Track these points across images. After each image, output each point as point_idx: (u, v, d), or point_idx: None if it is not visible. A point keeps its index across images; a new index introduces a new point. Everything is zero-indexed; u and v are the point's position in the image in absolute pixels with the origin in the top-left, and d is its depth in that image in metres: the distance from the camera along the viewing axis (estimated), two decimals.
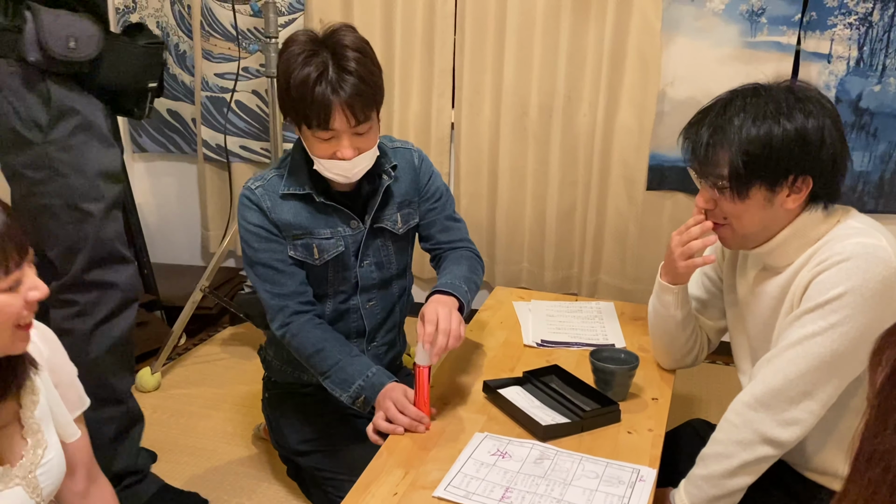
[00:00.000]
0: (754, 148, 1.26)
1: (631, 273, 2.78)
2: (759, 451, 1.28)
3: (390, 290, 1.75)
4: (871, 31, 2.36)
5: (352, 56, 1.43)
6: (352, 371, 1.54)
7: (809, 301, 1.26)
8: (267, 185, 1.59)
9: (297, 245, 1.59)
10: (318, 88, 1.41)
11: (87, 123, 1.66)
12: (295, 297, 1.60)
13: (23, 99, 1.58)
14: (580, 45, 2.60)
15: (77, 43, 1.58)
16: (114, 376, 1.77)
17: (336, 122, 1.44)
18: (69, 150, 1.63)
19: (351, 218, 1.62)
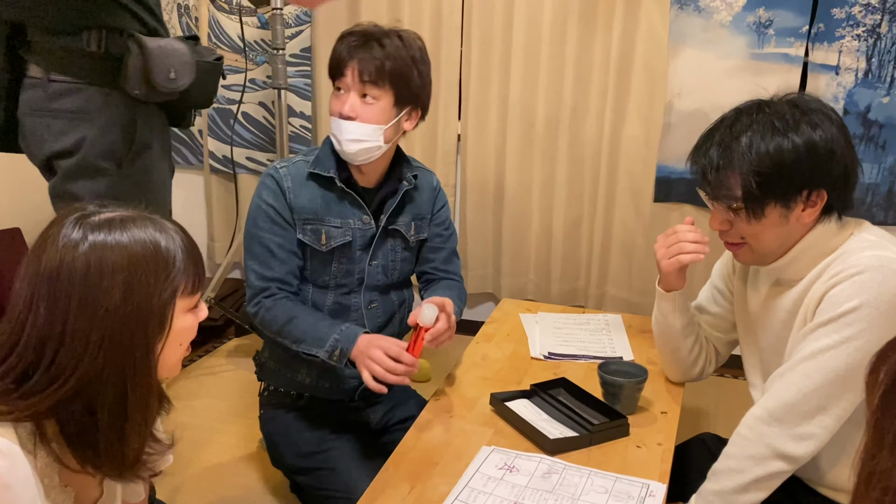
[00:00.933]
0: (766, 167, 1.25)
1: (638, 285, 2.76)
2: (772, 466, 1.26)
3: (391, 297, 1.77)
4: (879, 43, 2.35)
5: (393, 36, 1.58)
6: (325, 329, 1.59)
7: (823, 314, 1.25)
8: (292, 167, 1.65)
9: (307, 230, 1.64)
10: (343, 43, 1.58)
11: (160, 158, 1.67)
12: (278, 283, 1.64)
13: (109, 131, 1.56)
14: (587, 56, 2.60)
15: (176, 73, 1.59)
16: None
17: (349, 72, 1.56)
18: (139, 186, 1.62)
19: (364, 213, 1.66)
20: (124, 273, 0.92)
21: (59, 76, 1.52)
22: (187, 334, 1.03)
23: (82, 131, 1.54)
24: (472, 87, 2.74)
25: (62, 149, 1.55)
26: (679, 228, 1.49)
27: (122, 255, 0.92)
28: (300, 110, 2.94)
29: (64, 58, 1.52)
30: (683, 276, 1.52)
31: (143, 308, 0.94)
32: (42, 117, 1.54)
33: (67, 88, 1.53)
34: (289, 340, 1.62)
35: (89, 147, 1.55)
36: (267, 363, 1.80)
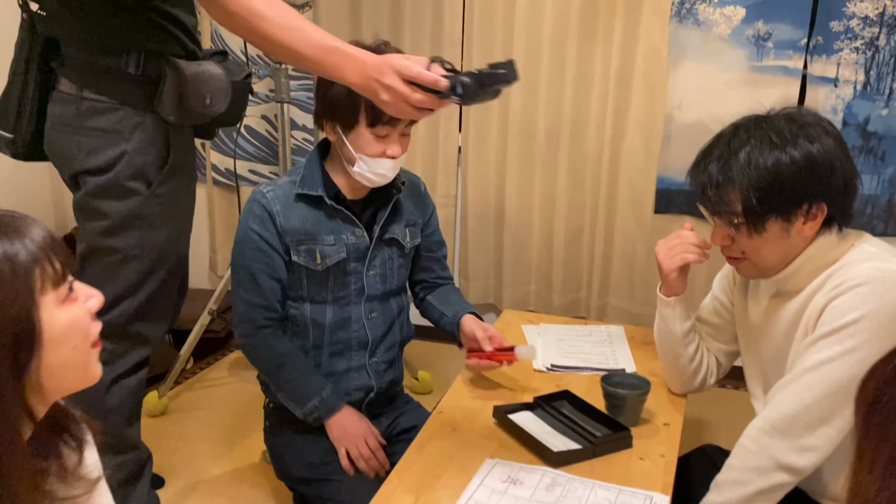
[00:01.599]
0: (765, 182, 1.26)
1: (639, 296, 2.77)
2: (775, 478, 1.27)
3: (390, 305, 1.78)
4: (877, 56, 2.37)
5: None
6: (306, 390, 1.66)
7: (825, 326, 1.25)
8: (278, 190, 1.64)
9: (301, 251, 1.64)
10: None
11: (189, 180, 1.68)
12: (264, 311, 1.66)
13: (142, 153, 1.55)
14: (587, 69, 2.62)
15: (212, 99, 1.59)
16: (127, 426, 1.72)
17: (402, 121, 1.54)
18: (167, 207, 1.62)
19: (356, 226, 1.67)
20: None
21: (92, 94, 1.51)
22: (74, 332, 0.83)
23: (114, 151, 1.53)
24: None
25: (93, 167, 1.54)
26: (681, 233, 1.52)
27: None
28: (302, 123, 2.95)
29: (100, 76, 1.51)
30: (685, 278, 1.53)
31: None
32: (72, 134, 1.53)
33: (101, 107, 1.52)
34: (272, 382, 1.70)
35: (121, 168, 1.54)
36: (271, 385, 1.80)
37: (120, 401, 1.68)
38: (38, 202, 2.96)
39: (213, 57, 1.66)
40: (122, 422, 1.70)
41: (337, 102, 1.56)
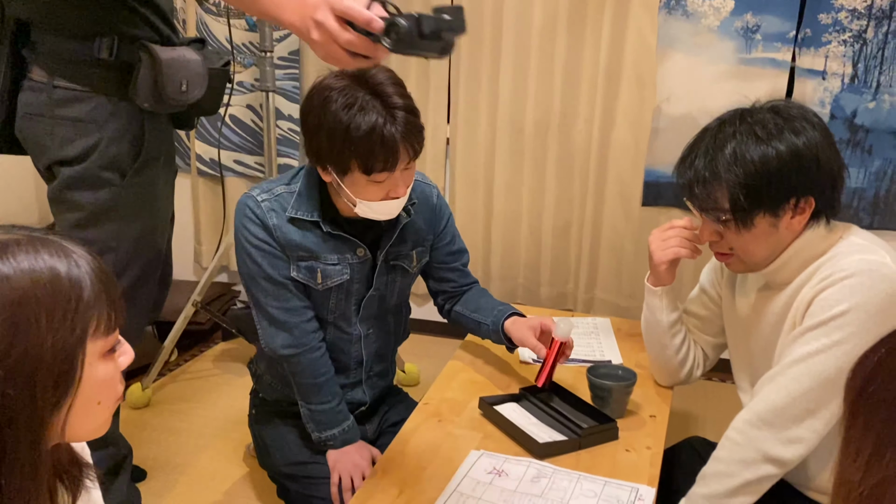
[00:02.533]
0: (751, 177, 1.24)
1: (627, 289, 2.77)
2: (761, 469, 1.26)
3: (388, 321, 1.72)
4: (865, 49, 2.37)
5: (392, 91, 1.40)
6: (329, 419, 1.60)
7: (813, 318, 1.25)
8: (274, 201, 1.52)
9: (301, 266, 1.53)
10: (385, 132, 1.36)
11: (165, 169, 1.64)
12: (304, 314, 1.56)
13: (116, 143, 1.51)
14: (576, 61, 2.60)
15: (188, 85, 1.54)
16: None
17: (402, 161, 1.40)
18: (142, 197, 1.59)
19: (357, 246, 1.56)
20: (6, 312, 0.69)
21: (64, 82, 1.47)
22: (106, 390, 0.80)
23: (88, 141, 1.49)
24: (461, 90, 2.74)
25: (66, 157, 1.50)
26: (677, 223, 1.50)
27: (8, 287, 0.69)
28: (288, 113, 2.93)
29: (72, 64, 1.47)
30: (674, 271, 1.53)
31: (33, 357, 0.70)
32: (45, 123, 1.49)
33: (74, 96, 1.48)
34: (298, 395, 1.61)
35: (95, 158, 1.50)
36: (263, 376, 1.77)
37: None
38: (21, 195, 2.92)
39: (191, 44, 1.61)
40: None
41: (327, 149, 1.41)
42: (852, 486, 0.63)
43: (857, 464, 0.63)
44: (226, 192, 3.07)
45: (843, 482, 0.65)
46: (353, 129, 1.35)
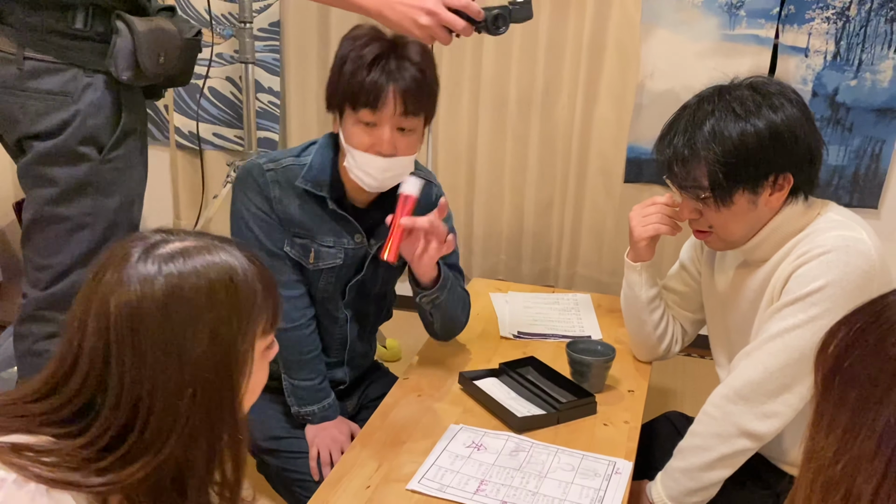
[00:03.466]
0: (730, 155, 1.24)
1: (608, 266, 2.77)
2: (737, 444, 1.28)
3: (373, 305, 1.72)
4: (848, 26, 2.37)
5: (414, 50, 1.40)
6: (310, 394, 1.59)
7: (790, 294, 1.26)
8: (280, 173, 1.49)
9: (296, 243, 1.52)
10: (376, 68, 1.36)
11: (141, 143, 1.59)
12: (296, 289, 1.54)
13: (93, 116, 1.47)
14: (559, 36, 2.58)
15: (165, 57, 1.50)
16: None
17: (386, 106, 1.37)
18: (120, 172, 1.55)
19: (356, 231, 1.55)
20: (210, 312, 0.79)
21: (35, 54, 1.42)
22: (261, 381, 0.90)
23: (64, 114, 1.45)
24: (443, 65, 2.71)
25: (40, 131, 1.45)
26: (657, 200, 1.50)
27: (204, 292, 0.79)
28: (268, 86, 2.88)
29: (44, 35, 1.42)
30: (653, 247, 1.53)
31: (231, 352, 0.81)
32: (15, 96, 1.44)
33: (46, 68, 1.43)
34: (283, 367, 1.59)
35: (71, 132, 1.46)
36: None
37: None
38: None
39: (161, 13, 1.57)
40: None
41: (329, 85, 1.44)
42: (823, 462, 0.63)
43: (829, 439, 0.64)
44: (205, 165, 3.03)
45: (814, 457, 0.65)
46: (349, 57, 1.38)
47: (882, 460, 0.58)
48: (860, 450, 0.60)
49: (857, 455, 0.60)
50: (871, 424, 0.59)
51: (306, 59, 2.82)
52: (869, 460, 0.59)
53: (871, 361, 0.62)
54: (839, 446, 0.62)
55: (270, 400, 1.71)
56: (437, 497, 1.20)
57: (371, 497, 1.21)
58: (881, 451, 0.58)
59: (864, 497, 0.59)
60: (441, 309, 1.60)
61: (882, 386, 0.60)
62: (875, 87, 2.39)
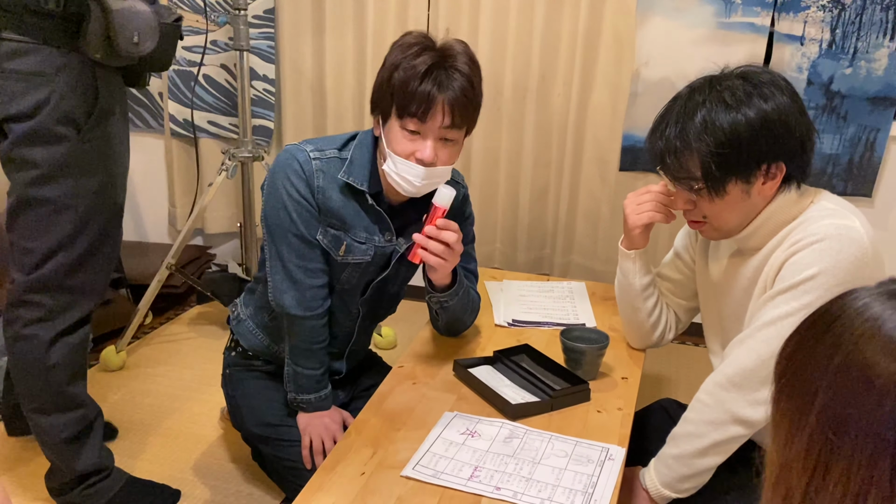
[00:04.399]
0: (722, 145, 1.24)
1: (602, 254, 2.78)
2: (730, 430, 1.29)
3: (385, 303, 1.73)
4: (843, 14, 2.36)
5: (462, 61, 1.41)
6: (310, 383, 1.60)
7: (783, 282, 1.26)
8: (325, 163, 1.50)
9: (329, 233, 1.52)
10: (428, 79, 1.37)
11: (121, 124, 1.60)
12: (320, 278, 1.54)
13: (69, 96, 1.48)
14: (555, 23, 2.58)
15: (139, 38, 1.50)
16: (70, 383, 1.67)
17: (434, 118, 1.38)
18: (100, 153, 1.56)
19: (388, 230, 1.55)
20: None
21: (10, 34, 1.43)
22: None
23: (39, 95, 1.45)
24: None
25: (17, 112, 1.46)
26: (652, 188, 1.50)
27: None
28: (263, 73, 2.87)
29: (17, 15, 1.42)
30: (647, 235, 1.53)
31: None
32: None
33: (20, 48, 1.43)
34: (288, 353, 1.61)
35: (48, 112, 1.46)
36: (245, 322, 1.75)
37: (62, 359, 1.63)
38: None
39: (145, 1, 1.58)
40: (66, 380, 1.65)
41: (377, 89, 1.44)
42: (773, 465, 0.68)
43: (775, 445, 0.67)
44: (199, 153, 3.03)
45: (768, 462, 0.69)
46: (402, 68, 1.38)
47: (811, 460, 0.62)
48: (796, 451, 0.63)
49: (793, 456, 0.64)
50: (802, 428, 0.63)
51: (301, 46, 2.81)
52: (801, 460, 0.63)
53: (805, 369, 0.65)
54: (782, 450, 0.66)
55: (265, 387, 1.72)
56: (432, 483, 1.21)
57: (366, 483, 1.22)
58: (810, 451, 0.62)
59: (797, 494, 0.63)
60: (448, 311, 1.62)
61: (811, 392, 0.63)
62: (870, 76, 2.39)
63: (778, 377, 0.68)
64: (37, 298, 1.58)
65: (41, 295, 1.58)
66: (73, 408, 1.69)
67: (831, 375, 0.61)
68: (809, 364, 0.64)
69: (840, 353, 0.62)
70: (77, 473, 1.72)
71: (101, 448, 1.76)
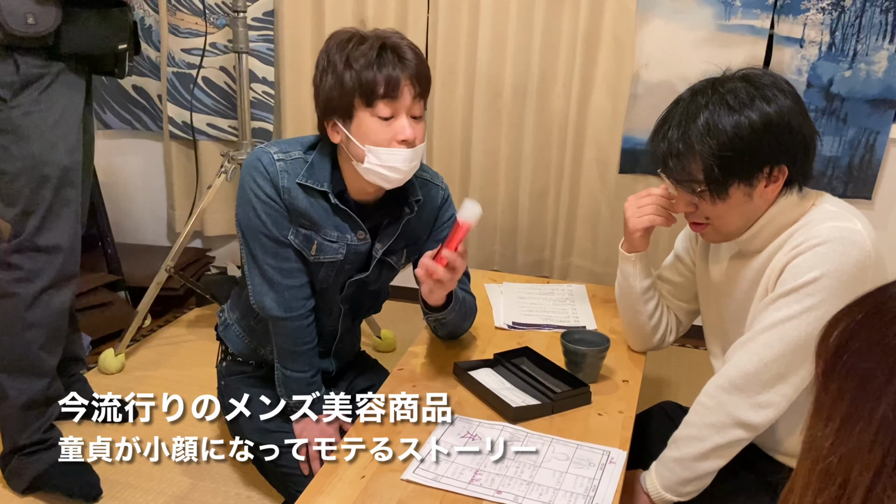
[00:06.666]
0: (725, 148, 1.24)
1: (602, 256, 2.77)
2: (731, 434, 1.28)
3: (367, 302, 1.72)
4: (843, 17, 2.36)
5: (398, 37, 1.42)
6: (301, 386, 1.60)
7: (785, 285, 1.26)
8: (290, 164, 1.49)
9: (300, 233, 1.51)
10: (383, 60, 1.37)
11: (53, 90, 1.68)
12: (298, 278, 1.54)
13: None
14: (555, 25, 2.58)
15: (35, 18, 1.59)
16: (42, 349, 1.79)
17: (403, 94, 1.38)
18: (32, 115, 1.66)
19: (359, 228, 1.53)
20: None
21: None
22: None
23: None
24: (438, 54, 2.70)
25: None
26: (653, 191, 1.49)
27: None
28: (262, 76, 2.87)
29: None
30: (648, 238, 1.53)
31: None
32: None
33: None
34: (278, 357, 1.61)
35: None
36: (232, 326, 1.75)
37: (40, 318, 1.76)
38: None
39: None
40: (41, 342, 1.78)
41: (329, 94, 1.41)
42: (821, 452, 0.63)
43: (827, 430, 0.63)
44: (199, 156, 3.02)
45: (812, 446, 0.65)
46: (353, 60, 1.37)
47: (878, 452, 0.58)
48: (857, 441, 0.60)
49: (854, 446, 0.60)
50: (868, 416, 0.59)
51: (301, 48, 2.81)
52: (866, 452, 0.59)
53: (870, 353, 0.61)
54: (836, 437, 0.62)
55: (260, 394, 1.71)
56: (432, 487, 1.20)
57: (366, 487, 1.21)
58: (878, 442, 0.58)
59: (861, 488, 0.59)
60: (447, 325, 1.62)
61: (880, 378, 0.59)
62: (870, 78, 2.39)
63: (830, 355, 0.64)
64: (16, 260, 1.73)
65: (20, 256, 1.73)
66: (39, 375, 1.80)
67: None
68: (879, 347, 0.60)
69: None
70: (16, 445, 1.81)
71: (50, 428, 1.86)
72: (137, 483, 1.93)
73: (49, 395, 1.83)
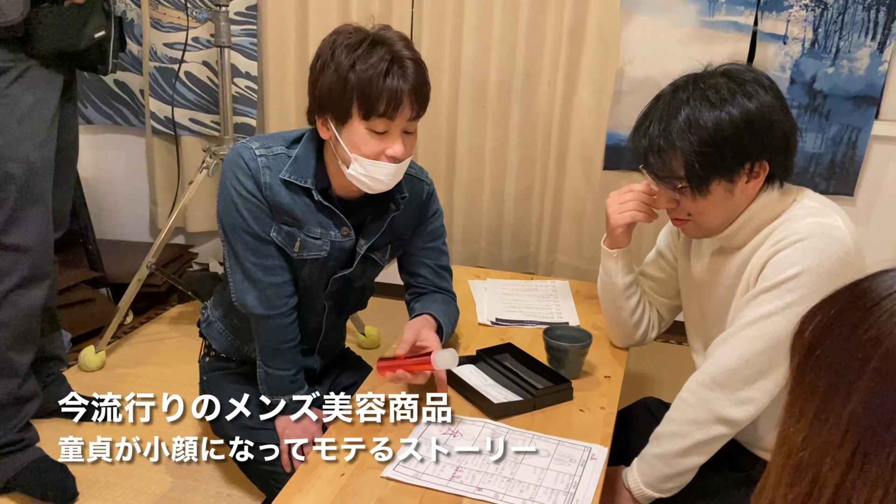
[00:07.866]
0: (706, 144, 1.23)
1: (587, 253, 2.77)
2: (713, 430, 1.28)
3: (351, 298, 1.71)
4: (825, 14, 2.37)
5: (403, 45, 1.38)
6: (283, 384, 1.58)
7: (766, 281, 1.26)
8: (271, 160, 1.46)
9: (283, 230, 1.49)
10: (391, 75, 1.33)
11: (21, 84, 1.64)
12: (280, 275, 1.52)
13: None
14: (540, 21, 2.57)
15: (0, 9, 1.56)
16: (11, 349, 1.76)
17: (403, 113, 1.35)
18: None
19: (343, 224, 1.51)
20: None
21: None
22: None
23: None
24: (423, 49, 2.68)
25: None
26: (635, 187, 1.49)
27: None
28: (245, 70, 2.85)
29: None
30: (629, 234, 1.53)
31: None
32: None
33: None
34: (260, 354, 1.58)
35: None
36: (215, 324, 1.73)
37: (8, 318, 1.73)
38: None
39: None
40: (8, 342, 1.75)
41: (328, 93, 1.37)
42: (793, 447, 0.63)
43: (799, 425, 0.63)
44: (181, 151, 3.00)
45: (785, 441, 0.64)
46: (360, 70, 1.33)
47: (848, 448, 0.58)
48: (828, 436, 0.59)
49: (824, 442, 0.60)
50: (838, 412, 0.59)
51: (285, 43, 2.79)
52: (836, 447, 0.58)
53: (842, 349, 0.61)
54: (808, 432, 0.62)
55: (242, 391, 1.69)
56: (413, 484, 1.20)
57: (346, 484, 1.20)
58: (847, 438, 0.58)
59: (830, 483, 0.58)
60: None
61: (851, 374, 0.59)
62: (852, 75, 2.40)
63: (804, 350, 0.64)
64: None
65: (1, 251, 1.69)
66: (9, 375, 1.76)
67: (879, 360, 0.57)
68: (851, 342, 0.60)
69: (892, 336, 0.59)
70: None
71: (26, 426, 1.82)
72: (116, 482, 1.91)
73: (20, 395, 1.80)
